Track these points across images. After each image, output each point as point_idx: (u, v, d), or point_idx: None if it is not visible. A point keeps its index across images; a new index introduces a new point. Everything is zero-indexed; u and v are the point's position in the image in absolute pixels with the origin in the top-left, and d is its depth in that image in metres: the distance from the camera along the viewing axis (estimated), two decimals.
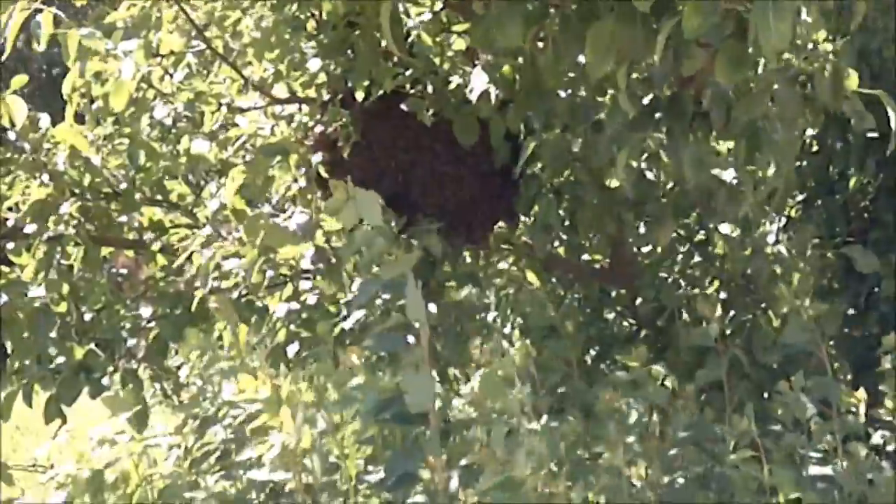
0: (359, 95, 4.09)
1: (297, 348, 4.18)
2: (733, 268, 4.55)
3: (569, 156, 4.11)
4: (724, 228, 4.48)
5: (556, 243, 4.69)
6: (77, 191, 4.43)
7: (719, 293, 4.56)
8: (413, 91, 4.12)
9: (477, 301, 4.75)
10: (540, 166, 4.19)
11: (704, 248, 4.62)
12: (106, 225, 4.49)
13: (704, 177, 3.31)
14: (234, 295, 4.22)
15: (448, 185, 4.27)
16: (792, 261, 4.51)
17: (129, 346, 4.36)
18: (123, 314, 4.47)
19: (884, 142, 3.94)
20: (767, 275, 4.40)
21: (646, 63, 3.14)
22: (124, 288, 4.59)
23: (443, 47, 4.17)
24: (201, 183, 4.80)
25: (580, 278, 4.89)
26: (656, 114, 3.29)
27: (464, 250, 4.54)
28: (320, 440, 2.76)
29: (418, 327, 2.73)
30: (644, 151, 3.91)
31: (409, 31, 4.03)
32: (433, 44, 4.11)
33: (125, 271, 4.57)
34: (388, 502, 2.80)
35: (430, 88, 4.10)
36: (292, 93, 4.34)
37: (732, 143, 3.53)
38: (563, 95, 3.93)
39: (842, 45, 3.26)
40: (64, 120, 4.35)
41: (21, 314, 4.23)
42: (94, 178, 4.45)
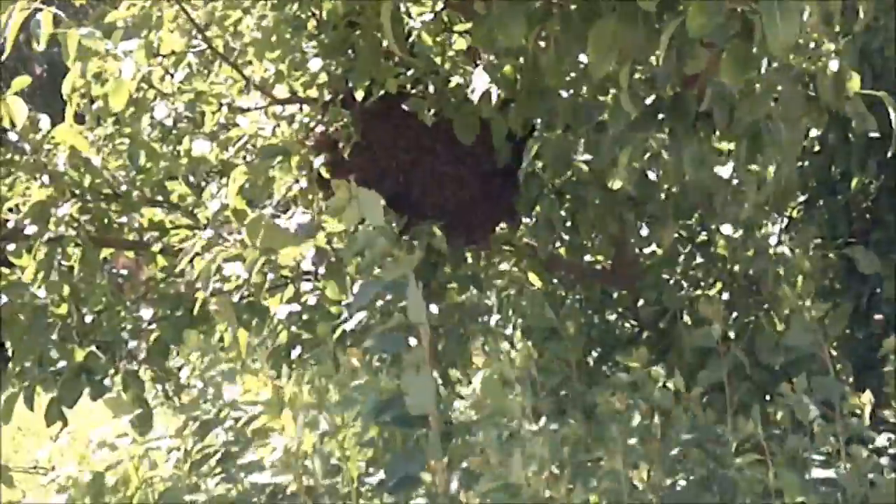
0: (359, 95, 4.08)
1: (298, 350, 4.17)
2: (736, 269, 4.54)
3: (571, 156, 4.10)
4: (727, 229, 4.46)
5: (558, 244, 4.68)
6: (77, 192, 4.41)
7: (721, 294, 4.54)
8: (414, 91, 4.11)
9: (478, 302, 4.74)
10: (541, 166, 4.17)
11: (706, 249, 4.61)
12: (106, 226, 4.48)
13: (705, 175, 3.29)
14: (235, 297, 4.21)
15: (449, 185, 4.26)
16: (795, 261, 4.49)
17: (130, 348, 4.34)
18: (124, 316, 4.46)
19: (885, 142, 3.93)
20: (770, 276, 4.39)
21: (648, 63, 3.12)
22: (125, 289, 4.58)
23: (444, 47, 4.16)
24: (202, 184, 4.78)
25: (582, 279, 4.88)
26: (659, 114, 3.28)
27: (465, 251, 4.52)
28: (321, 442, 2.74)
29: (419, 328, 2.72)
30: (647, 151, 3.90)
31: (410, 31, 4.02)
32: (434, 44, 4.10)
33: (125, 272, 4.56)
34: None
35: (431, 88, 4.09)
36: (293, 93, 4.33)
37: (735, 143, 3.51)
38: (565, 95, 3.92)
39: (844, 44, 3.25)
40: (64, 120, 4.34)
41: (21, 316, 4.22)
42: (95, 178, 4.44)
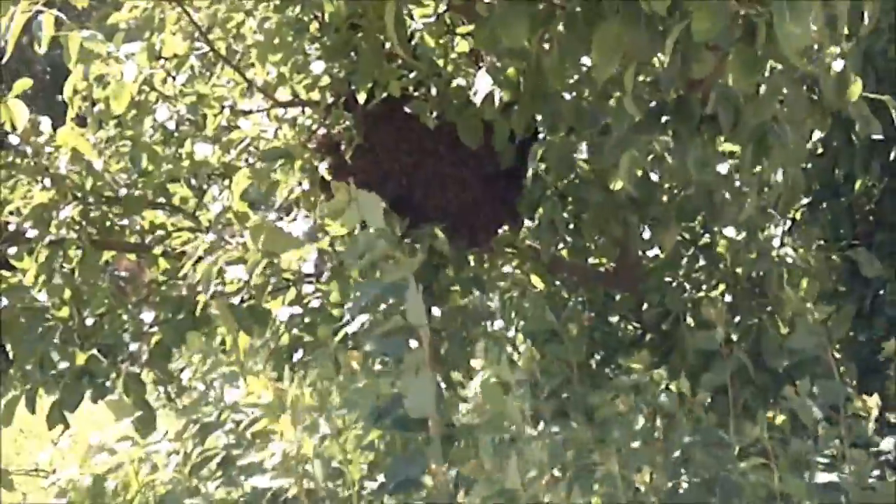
0: (361, 98, 4.07)
1: (300, 352, 4.16)
2: (740, 271, 4.53)
3: (574, 159, 4.09)
4: (730, 232, 4.45)
5: (561, 246, 4.67)
6: (79, 195, 4.40)
7: (724, 297, 4.53)
8: (416, 94, 4.10)
9: (481, 305, 4.73)
10: (544, 169, 4.16)
11: (709, 252, 4.59)
12: (108, 229, 4.47)
13: (709, 177, 3.28)
14: (237, 300, 4.20)
15: (451, 187, 4.25)
16: (798, 263, 4.48)
17: (132, 351, 4.33)
18: (126, 319, 4.44)
19: (889, 144, 3.93)
20: (773, 278, 4.37)
21: (652, 66, 3.11)
22: (128, 291, 4.57)
23: (447, 49, 4.15)
24: (203, 186, 4.77)
25: (585, 282, 4.86)
26: (662, 117, 3.26)
27: (468, 254, 4.51)
28: (322, 445, 2.73)
29: (419, 331, 2.70)
30: (650, 153, 3.88)
31: (413, 34, 4.01)
32: (437, 46, 4.09)
33: (126, 274, 4.55)
34: None
35: (434, 91, 4.08)
36: (295, 96, 4.32)
37: (739, 146, 3.50)
38: (568, 98, 3.91)
39: (850, 47, 3.23)
40: (65, 123, 4.33)
41: (22, 319, 4.21)
42: (96, 181, 4.43)
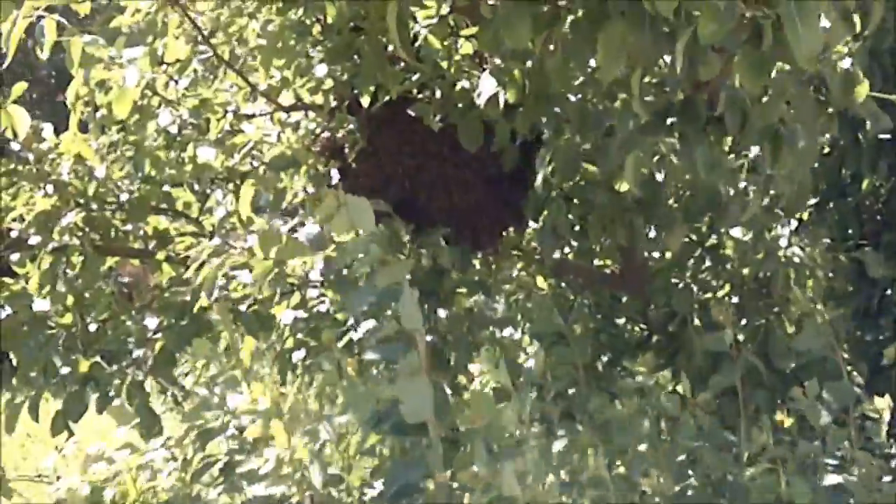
0: (364, 101, 4.05)
1: (304, 357, 4.14)
2: (747, 272, 4.50)
3: (580, 161, 4.06)
4: (736, 232, 4.43)
5: (566, 248, 4.64)
6: (81, 201, 4.38)
7: (731, 298, 4.51)
8: (420, 96, 4.08)
9: (487, 308, 4.71)
10: (549, 170, 4.14)
11: (716, 253, 4.57)
12: (111, 234, 4.45)
13: (718, 178, 3.25)
14: (243, 306, 4.18)
15: (455, 190, 4.22)
16: (808, 263, 4.46)
17: (136, 358, 4.31)
18: (129, 326, 4.43)
19: None
20: (780, 278, 4.35)
21: (658, 67, 3.09)
22: (134, 296, 4.55)
23: (450, 52, 4.13)
24: (207, 191, 4.76)
25: (590, 284, 4.84)
26: (668, 118, 3.24)
27: (473, 257, 4.49)
28: (321, 452, 2.71)
29: (415, 335, 2.68)
30: (655, 155, 3.86)
31: (416, 36, 3.99)
32: (441, 48, 4.07)
33: (128, 280, 4.53)
34: None
35: (438, 93, 4.06)
36: (298, 99, 4.30)
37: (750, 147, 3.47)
38: (573, 100, 3.89)
39: (856, 46, 3.21)
40: (69, 127, 4.31)
41: (25, 327, 4.19)
42: (99, 187, 4.41)
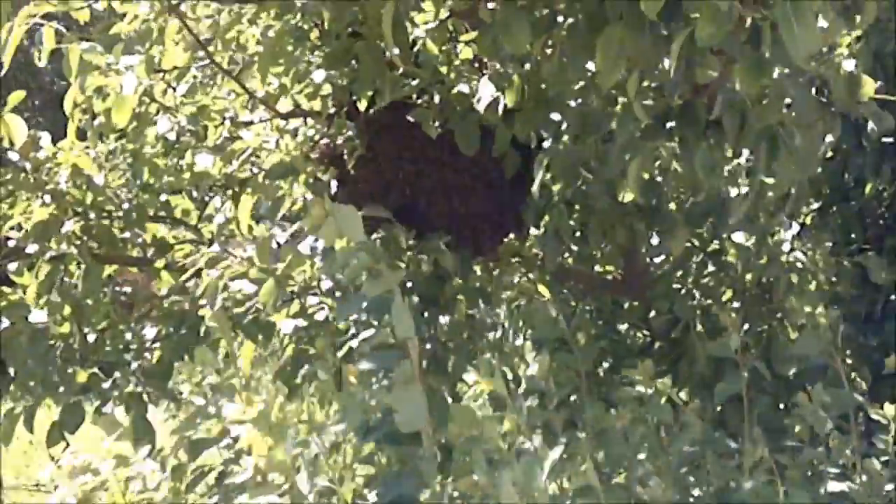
0: (362, 106, 4.03)
1: (304, 366, 4.11)
2: (749, 277, 4.48)
3: (580, 167, 4.04)
4: (738, 237, 4.40)
5: (567, 254, 4.62)
6: (79, 209, 4.36)
7: (733, 303, 4.48)
8: (419, 101, 4.05)
9: (487, 315, 4.68)
10: (550, 177, 4.11)
11: (718, 258, 4.55)
12: (109, 243, 4.43)
13: (717, 181, 3.23)
14: (241, 311, 4.15)
15: (455, 196, 4.20)
16: (811, 267, 4.44)
17: (134, 369, 4.29)
18: (128, 337, 4.40)
19: None
20: (783, 283, 4.33)
21: (657, 71, 3.06)
22: (135, 303, 4.52)
23: (450, 57, 4.11)
24: (205, 198, 4.74)
25: (592, 290, 4.82)
26: (668, 123, 3.22)
27: (473, 263, 4.46)
28: (317, 461, 2.68)
29: (408, 343, 2.66)
30: (657, 160, 3.84)
31: (415, 41, 3.97)
32: (439, 53, 4.05)
33: (129, 290, 4.51)
34: None
35: (437, 98, 4.04)
36: (297, 106, 4.28)
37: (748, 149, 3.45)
38: (573, 105, 3.86)
39: (859, 47, 3.19)
40: (68, 136, 4.29)
41: (23, 338, 4.17)
42: (97, 196, 4.38)
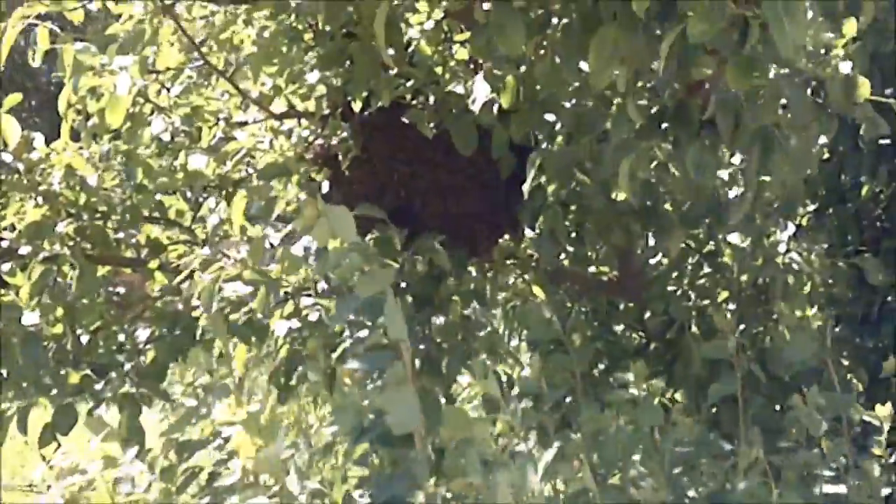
0: (356, 107, 4.01)
1: (298, 367, 4.10)
2: (745, 278, 4.47)
3: (574, 167, 4.03)
4: (734, 238, 4.39)
5: (563, 255, 4.61)
6: (73, 210, 4.35)
7: (728, 304, 4.47)
8: (414, 102, 4.04)
9: (483, 317, 4.67)
10: (545, 178, 4.10)
11: (714, 259, 4.54)
12: (103, 244, 4.41)
13: (708, 181, 3.22)
14: (236, 314, 4.13)
15: (450, 197, 4.19)
16: (804, 270, 4.42)
17: (127, 371, 4.27)
18: (121, 338, 4.39)
19: None
20: (779, 285, 4.32)
21: (652, 71, 3.05)
22: (133, 302, 4.51)
23: (444, 57, 4.10)
24: (199, 199, 4.72)
25: (587, 291, 4.81)
26: (662, 123, 3.21)
27: (468, 264, 4.45)
28: (308, 463, 2.67)
29: (400, 345, 2.65)
30: (653, 160, 3.82)
31: (410, 41, 3.96)
32: (434, 54, 4.03)
33: (122, 290, 4.49)
34: None
35: (432, 99, 4.03)
36: (291, 106, 4.27)
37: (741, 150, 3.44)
38: (567, 105, 3.85)
39: (855, 48, 3.18)
40: (62, 137, 4.28)
41: (15, 339, 4.15)
42: (91, 197, 4.37)
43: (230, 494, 2.66)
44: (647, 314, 4.55)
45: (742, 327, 4.33)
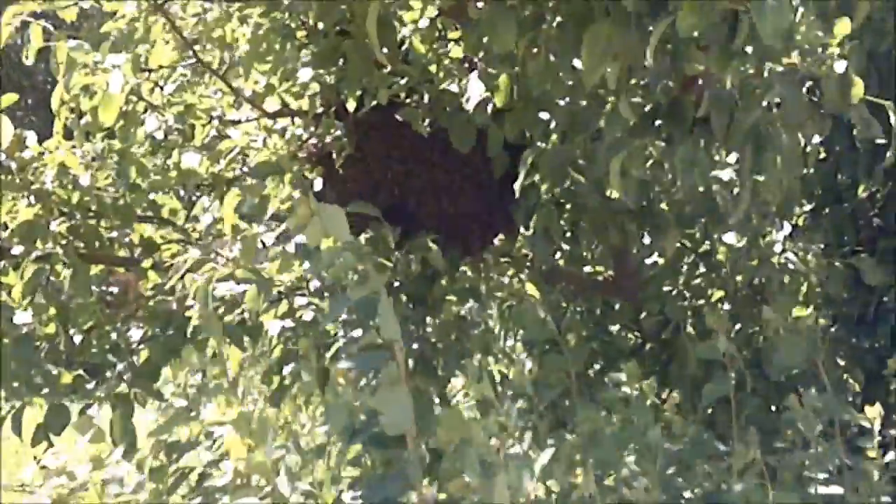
0: (350, 105, 3.99)
1: (292, 367, 4.08)
2: (741, 278, 4.45)
3: (568, 166, 4.00)
4: (730, 238, 4.37)
5: (558, 255, 4.59)
6: (65, 210, 4.32)
7: (722, 304, 4.45)
8: (408, 100, 4.02)
9: (478, 316, 4.65)
10: (538, 177, 4.08)
11: (709, 259, 4.52)
12: (95, 243, 4.38)
13: (699, 178, 3.20)
14: (229, 315, 4.11)
15: (444, 196, 4.17)
16: (803, 268, 4.41)
17: (120, 370, 4.25)
18: (114, 337, 4.36)
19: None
20: (774, 285, 4.30)
21: (645, 68, 3.03)
22: (123, 301, 4.48)
23: (439, 56, 4.08)
24: (192, 198, 4.70)
25: (583, 291, 4.79)
26: (656, 121, 3.18)
27: (462, 263, 4.43)
28: (301, 464, 2.65)
29: (394, 345, 2.63)
30: (648, 159, 3.80)
31: (404, 39, 3.94)
32: (429, 52, 4.01)
33: (115, 290, 4.46)
34: None
35: (426, 98, 4.01)
36: (285, 105, 4.25)
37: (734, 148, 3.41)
38: (561, 104, 3.83)
39: (852, 48, 3.15)
40: (55, 135, 4.26)
41: (7, 339, 4.12)
42: (83, 196, 4.35)
43: (222, 495, 2.64)
44: (643, 314, 4.53)
45: (738, 327, 4.32)
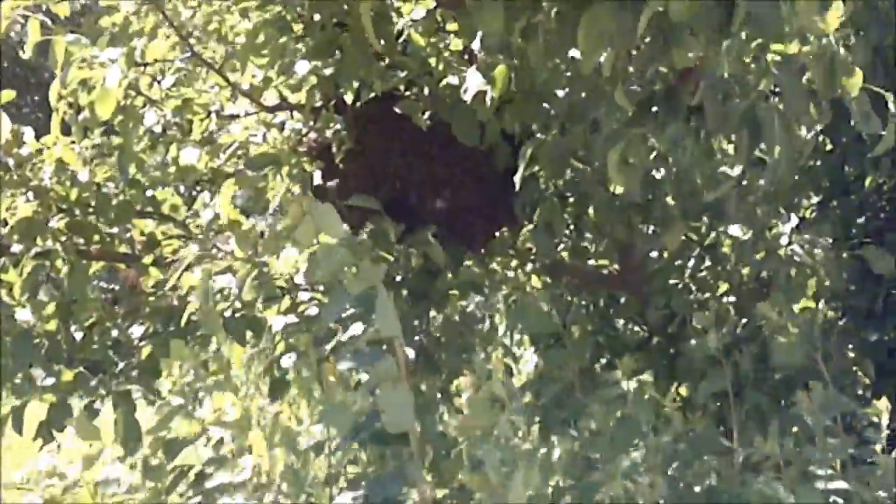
0: (348, 98, 3.96)
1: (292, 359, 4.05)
2: (747, 271, 4.41)
3: (568, 157, 3.96)
4: (735, 231, 4.32)
5: (562, 248, 4.55)
6: (64, 206, 4.30)
7: (729, 297, 4.41)
8: (408, 93, 3.98)
9: (481, 310, 4.62)
10: (538, 168, 4.03)
11: (715, 252, 4.47)
12: (95, 239, 4.36)
13: (694, 166, 3.15)
14: (229, 311, 4.08)
15: (446, 189, 4.13)
16: (809, 261, 4.36)
17: (121, 367, 4.22)
18: (115, 334, 4.33)
19: None
20: (781, 278, 4.25)
21: (638, 53, 2.99)
22: (127, 297, 4.45)
23: (438, 48, 4.03)
24: (192, 193, 4.68)
25: (587, 284, 4.74)
26: (652, 108, 3.13)
27: (465, 257, 4.39)
28: (299, 463, 2.62)
29: (394, 342, 2.60)
30: (651, 150, 3.76)
31: (402, 31, 3.90)
32: (427, 44, 3.97)
33: (120, 285, 4.44)
34: None
35: (426, 90, 3.97)
36: (283, 98, 4.22)
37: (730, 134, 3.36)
38: (560, 95, 3.79)
39: (857, 40, 3.11)
40: (54, 131, 4.24)
41: (8, 336, 4.10)
42: (82, 192, 4.32)
43: (223, 494, 2.61)
44: (649, 308, 4.49)
45: (744, 321, 4.27)
